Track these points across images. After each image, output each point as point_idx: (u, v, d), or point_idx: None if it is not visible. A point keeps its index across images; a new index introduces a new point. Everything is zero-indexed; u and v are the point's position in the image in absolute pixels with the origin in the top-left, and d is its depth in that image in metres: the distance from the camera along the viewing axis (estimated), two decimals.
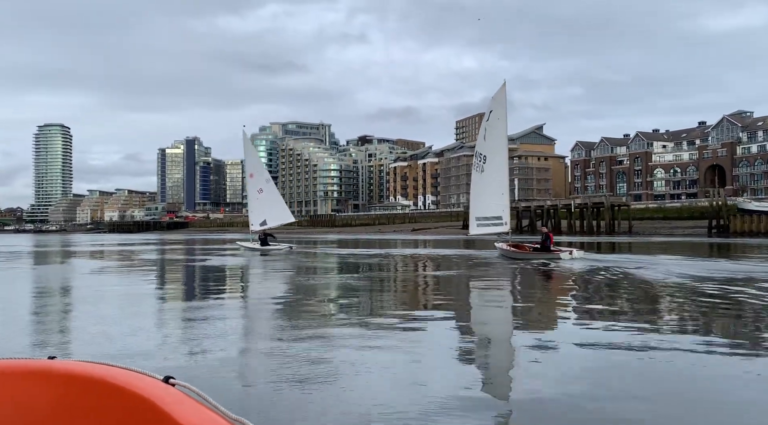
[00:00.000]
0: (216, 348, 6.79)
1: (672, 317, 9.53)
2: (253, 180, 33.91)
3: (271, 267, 21.84)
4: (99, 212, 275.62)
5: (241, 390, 5.08)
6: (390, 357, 6.25)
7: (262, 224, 33.06)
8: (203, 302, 11.75)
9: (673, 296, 12.07)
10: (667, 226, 79.31)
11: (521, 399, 4.94)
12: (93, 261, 28.47)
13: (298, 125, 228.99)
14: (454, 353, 6.76)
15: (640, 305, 10.95)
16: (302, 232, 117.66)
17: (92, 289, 14.29)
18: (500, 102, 25.09)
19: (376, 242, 55.60)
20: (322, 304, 11.33)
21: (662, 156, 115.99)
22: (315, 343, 7.02)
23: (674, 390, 5.17)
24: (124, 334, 7.69)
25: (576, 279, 15.62)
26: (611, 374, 5.72)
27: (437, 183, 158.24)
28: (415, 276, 18.43)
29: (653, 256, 24.31)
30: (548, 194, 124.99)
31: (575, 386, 5.24)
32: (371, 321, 8.84)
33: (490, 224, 25.41)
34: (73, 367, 1.97)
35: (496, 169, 24.88)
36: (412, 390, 4.99)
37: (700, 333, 8.06)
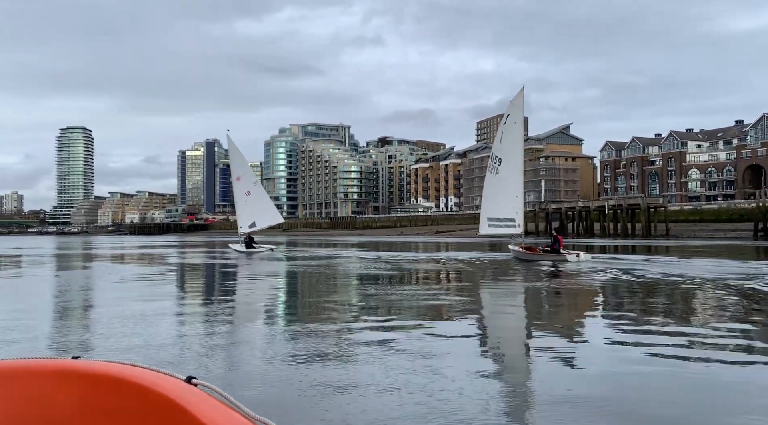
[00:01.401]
0: (246, 355, 6.69)
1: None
2: (240, 183, 33.92)
3: (307, 274, 19.45)
4: (120, 214, 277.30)
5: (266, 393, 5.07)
6: (408, 365, 6.06)
7: (251, 226, 33.28)
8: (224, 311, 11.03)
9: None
10: (706, 229, 75.51)
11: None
12: (116, 265, 26.63)
13: (318, 127, 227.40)
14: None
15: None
16: (322, 234, 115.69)
17: (114, 302, 12.16)
18: (518, 106, 25.46)
19: (402, 244, 52.96)
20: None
21: (697, 156, 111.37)
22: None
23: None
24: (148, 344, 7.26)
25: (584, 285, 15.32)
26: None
27: (460, 185, 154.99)
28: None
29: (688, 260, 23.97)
30: (576, 196, 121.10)
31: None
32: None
33: (503, 225, 25.94)
34: (97, 367, 1.97)
35: (511, 172, 25.34)
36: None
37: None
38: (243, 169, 35.02)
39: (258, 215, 33.49)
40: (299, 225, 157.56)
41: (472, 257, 27.60)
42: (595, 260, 22.94)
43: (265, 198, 35.23)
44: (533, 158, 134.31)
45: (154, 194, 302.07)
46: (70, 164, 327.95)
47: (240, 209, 34.19)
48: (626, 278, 16.29)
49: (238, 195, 34.21)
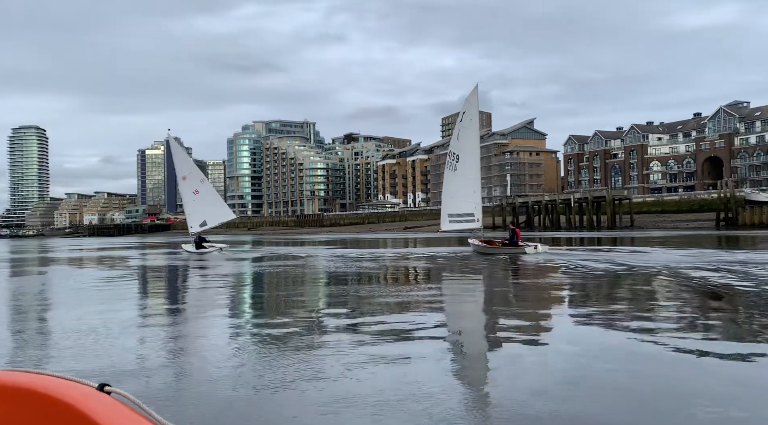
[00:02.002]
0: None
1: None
2: (186, 183, 33.39)
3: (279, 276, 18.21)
4: (78, 216, 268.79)
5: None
6: (381, 366, 5.90)
7: (202, 224, 32.77)
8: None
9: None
10: (668, 219, 76.92)
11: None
12: (74, 269, 24.91)
13: (282, 124, 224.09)
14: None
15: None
16: (289, 232, 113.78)
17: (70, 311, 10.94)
18: (473, 104, 25.76)
19: (372, 241, 52.04)
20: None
21: (658, 149, 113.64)
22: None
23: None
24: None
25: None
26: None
27: (427, 180, 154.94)
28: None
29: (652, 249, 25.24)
30: (540, 190, 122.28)
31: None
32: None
33: (463, 220, 26.42)
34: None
35: (468, 168, 25.83)
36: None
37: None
38: (188, 168, 34.31)
39: (208, 214, 33.05)
40: (265, 224, 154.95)
41: (444, 253, 27.21)
42: (553, 253, 23.72)
43: (214, 196, 34.73)
44: (498, 152, 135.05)
45: (113, 195, 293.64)
46: (24, 164, 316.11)
47: (189, 209, 33.63)
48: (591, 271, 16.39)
49: (185, 195, 33.64)
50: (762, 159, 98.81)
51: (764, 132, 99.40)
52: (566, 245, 32.30)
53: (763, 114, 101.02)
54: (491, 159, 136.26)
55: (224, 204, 35.37)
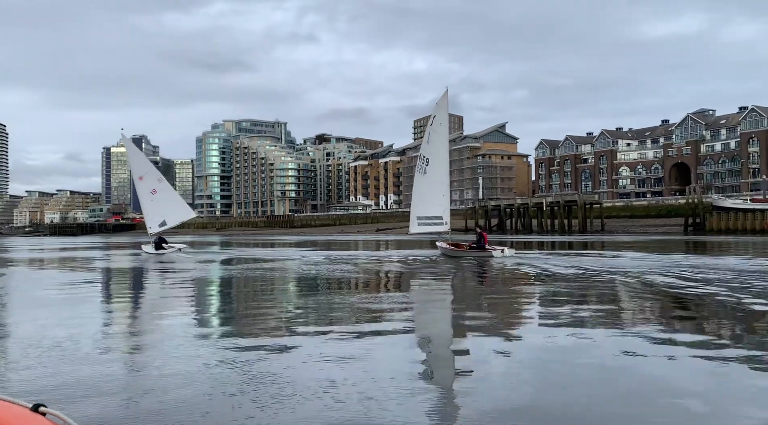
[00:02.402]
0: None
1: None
2: (143, 183, 33.00)
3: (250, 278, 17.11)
4: (39, 214, 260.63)
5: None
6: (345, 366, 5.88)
7: (162, 224, 32.37)
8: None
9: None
10: (636, 224, 77.99)
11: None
12: (34, 272, 23.18)
13: (253, 123, 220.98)
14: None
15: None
16: (259, 233, 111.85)
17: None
18: (443, 108, 26.09)
19: (345, 243, 51.03)
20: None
21: (627, 154, 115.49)
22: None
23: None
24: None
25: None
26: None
27: (399, 182, 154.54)
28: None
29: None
30: (511, 193, 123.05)
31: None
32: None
33: (432, 223, 26.65)
34: None
35: (438, 171, 26.13)
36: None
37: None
38: (144, 167, 33.94)
39: (168, 213, 32.61)
40: (234, 224, 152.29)
41: (420, 256, 26.69)
42: (519, 256, 24.15)
43: (173, 195, 34.35)
44: (471, 155, 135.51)
45: (76, 193, 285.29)
46: None
47: (147, 209, 33.07)
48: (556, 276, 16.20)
49: (143, 195, 33.19)
50: (727, 166, 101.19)
51: (729, 140, 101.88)
52: (537, 250, 32.25)
53: (728, 122, 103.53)
54: (463, 162, 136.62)
55: (184, 203, 35.04)
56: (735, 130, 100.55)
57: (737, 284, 13.05)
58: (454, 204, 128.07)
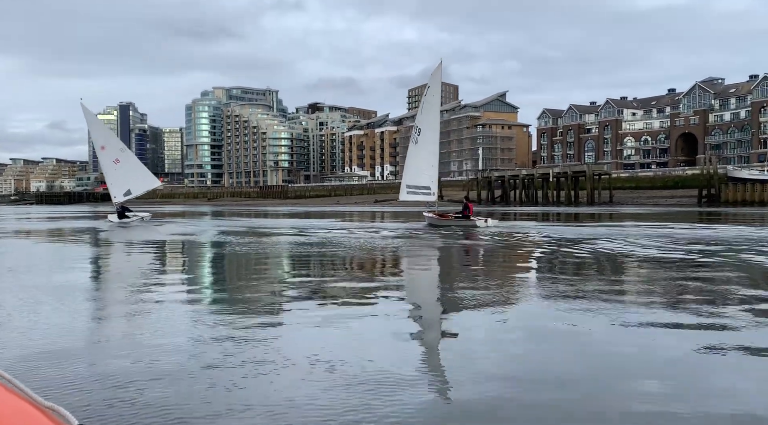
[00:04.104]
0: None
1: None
2: (105, 152, 33.20)
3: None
4: (24, 183, 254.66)
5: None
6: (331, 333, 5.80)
7: (126, 194, 32.69)
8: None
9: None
10: (643, 195, 75.79)
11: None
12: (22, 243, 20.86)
13: (243, 91, 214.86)
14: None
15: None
16: (252, 204, 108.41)
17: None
18: (436, 79, 26.73)
19: (350, 214, 48.05)
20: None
21: (632, 124, 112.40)
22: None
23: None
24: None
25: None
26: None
27: (396, 153, 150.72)
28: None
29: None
30: (512, 164, 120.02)
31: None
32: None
33: (420, 193, 27.19)
34: None
35: (428, 142, 26.58)
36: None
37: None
38: (105, 137, 34.42)
39: (132, 182, 32.93)
40: (226, 194, 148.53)
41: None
42: (505, 226, 24.85)
43: (136, 164, 34.82)
44: (470, 125, 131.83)
45: (62, 162, 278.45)
46: None
47: (111, 179, 33.16)
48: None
49: (105, 165, 33.31)
50: (736, 136, 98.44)
51: (739, 109, 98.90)
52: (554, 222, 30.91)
53: (737, 91, 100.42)
54: (462, 132, 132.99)
55: (148, 172, 35.65)
56: (745, 99, 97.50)
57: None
58: (453, 175, 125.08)
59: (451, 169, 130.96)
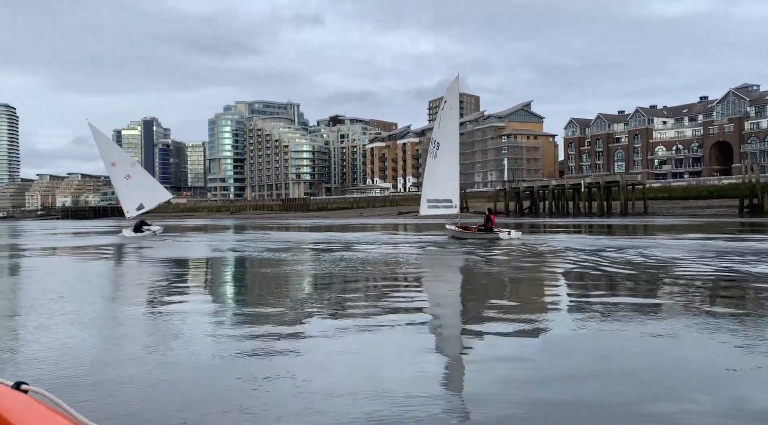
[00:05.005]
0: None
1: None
2: (116, 169, 33.62)
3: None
4: (50, 198, 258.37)
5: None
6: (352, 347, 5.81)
7: (139, 208, 33.25)
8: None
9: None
10: (679, 206, 73.12)
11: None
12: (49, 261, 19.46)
13: (265, 105, 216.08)
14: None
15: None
16: (275, 216, 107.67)
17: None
18: (453, 93, 26.81)
19: (381, 227, 46.54)
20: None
21: (663, 133, 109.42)
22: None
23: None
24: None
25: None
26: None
27: (419, 164, 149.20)
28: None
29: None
30: (538, 174, 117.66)
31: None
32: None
33: (441, 206, 27.21)
34: None
35: (448, 155, 26.59)
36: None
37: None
38: (115, 153, 35.01)
39: (144, 197, 33.39)
40: (248, 208, 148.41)
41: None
42: (533, 239, 24.17)
43: (147, 178, 35.35)
44: (495, 135, 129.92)
45: (87, 176, 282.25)
46: None
47: (123, 195, 33.66)
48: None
49: (116, 181, 33.83)
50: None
51: None
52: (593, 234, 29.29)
53: None
54: (487, 142, 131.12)
55: (159, 185, 36.27)
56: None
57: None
58: (477, 186, 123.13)
59: (475, 180, 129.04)
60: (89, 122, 34.87)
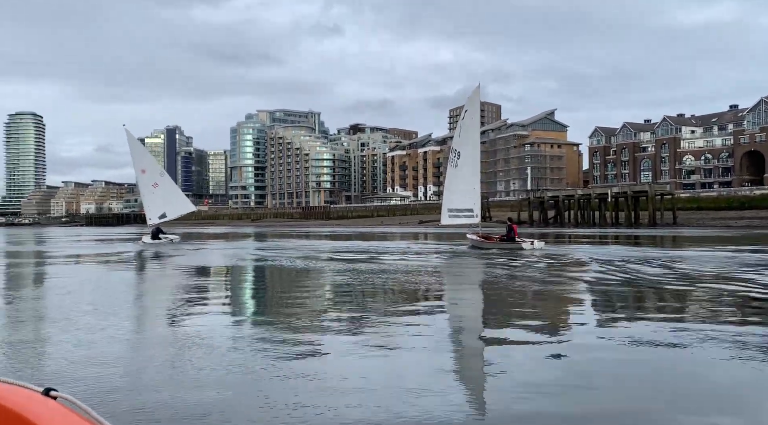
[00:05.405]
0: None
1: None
2: (145, 176, 34.24)
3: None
4: (75, 205, 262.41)
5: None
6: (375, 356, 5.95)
7: (162, 217, 33.83)
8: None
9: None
10: (708, 217, 71.07)
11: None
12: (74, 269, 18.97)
13: (286, 113, 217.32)
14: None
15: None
16: (296, 224, 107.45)
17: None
18: (474, 102, 26.67)
19: (409, 236, 45.64)
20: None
21: (692, 142, 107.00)
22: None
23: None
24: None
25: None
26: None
27: (439, 173, 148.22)
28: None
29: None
30: (562, 183, 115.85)
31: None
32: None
33: (462, 215, 27.14)
34: None
35: (468, 165, 26.51)
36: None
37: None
38: (147, 161, 35.47)
39: (168, 206, 34.06)
40: (269, 215, 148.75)
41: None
42: (555, 250, 23.49)
43: (173, 189, 35.84)
44: (518, 144, 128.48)
45: (111, 184, 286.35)
46: (20, 151, 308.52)
47: (148, 202, 34.29)
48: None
49: (144, 188, 34.53)
50: None
51: None
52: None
53: None
54: (509, 151, 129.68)
55: (184, 197, 36.74)
56: None
57: None
58: (500, 195, 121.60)
59: (498, 189, 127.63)
60: (126, 127, 35.80)
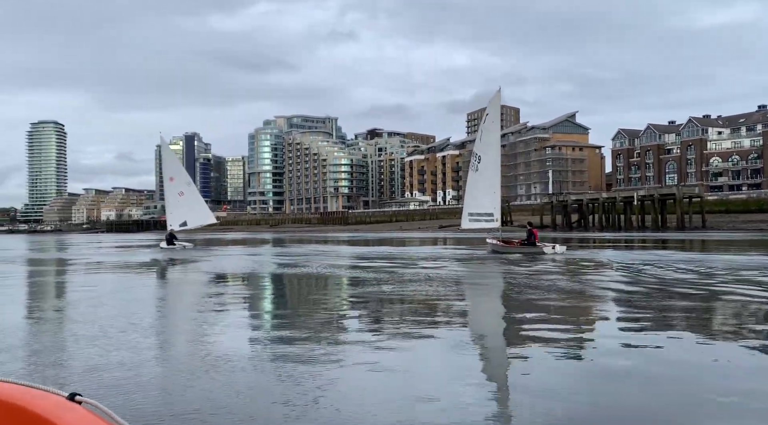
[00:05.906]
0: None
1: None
2: (173, 184, 35.27)
3: None
4: (95, 212, 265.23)
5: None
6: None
7: (182, 225, 34.75)
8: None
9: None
10: (738, 220, 68.84)
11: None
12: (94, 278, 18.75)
13: (304, 119, 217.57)
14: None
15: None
16: (314, 230, 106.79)
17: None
18: (495, 106, 26.61)
19: (440, 241, 44.61)
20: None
21: (719, 144, 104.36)
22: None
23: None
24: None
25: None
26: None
27: (459, 177, 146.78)
28: None
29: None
30: (584, 187, 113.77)
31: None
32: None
33: (483, 220, 27.06)
34: None
35: (489, 169, 26.47)
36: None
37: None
38: (176, 169, 36.43)
39: (190, 215, 34.95)
40: (287, 221, 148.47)
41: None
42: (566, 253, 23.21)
43: (198, 199, 36.62)
44: (539, 147, 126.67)
45: (131, 191, 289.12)
46: (42, 159, 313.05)
47: (171, 208, 35.20)
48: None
49: (170, 195, 35.52)
50: None
51: None
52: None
53: None
54: (530, 154, 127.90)
55: (207, 208, 37.65)
56: None
57: None
58: (520, 199, 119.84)
59: (518, 193, 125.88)
60: (161, 134, 37.73)
